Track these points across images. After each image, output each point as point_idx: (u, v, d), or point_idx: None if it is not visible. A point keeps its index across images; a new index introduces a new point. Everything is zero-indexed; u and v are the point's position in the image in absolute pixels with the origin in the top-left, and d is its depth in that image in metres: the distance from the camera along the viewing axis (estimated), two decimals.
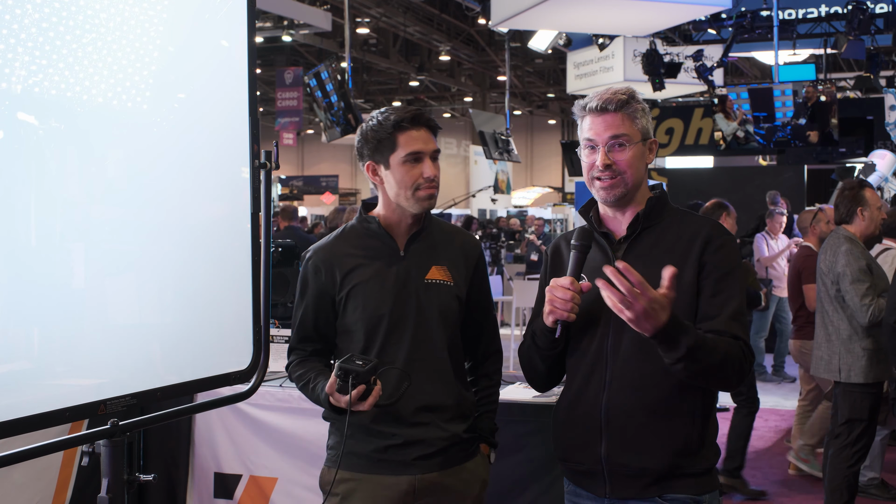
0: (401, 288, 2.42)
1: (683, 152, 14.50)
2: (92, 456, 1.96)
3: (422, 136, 2.40)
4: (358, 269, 2.44)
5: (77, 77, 1.85)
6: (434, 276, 2.44)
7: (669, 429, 2.11)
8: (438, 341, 2.43)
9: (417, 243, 2.47)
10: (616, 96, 2.18)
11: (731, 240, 2.22)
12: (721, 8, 9.67)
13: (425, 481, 2.40)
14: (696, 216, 2.28)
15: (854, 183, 4.82)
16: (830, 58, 13.34)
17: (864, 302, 4.36)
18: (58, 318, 1.82)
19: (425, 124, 2.42)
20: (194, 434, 4.02)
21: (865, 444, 4.51)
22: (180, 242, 2.13)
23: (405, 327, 2.40)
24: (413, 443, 2.39)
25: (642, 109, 2.21)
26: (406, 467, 2.39)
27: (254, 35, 2.32)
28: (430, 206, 2.43)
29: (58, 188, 1.81)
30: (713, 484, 2.19)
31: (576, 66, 13.84)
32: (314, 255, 2.50)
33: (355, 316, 2.42)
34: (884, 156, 9.81)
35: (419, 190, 2.39)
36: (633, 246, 2.20)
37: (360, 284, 2.42)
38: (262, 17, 15.27)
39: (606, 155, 2.16)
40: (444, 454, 2.43)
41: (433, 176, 2.39)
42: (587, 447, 2.17)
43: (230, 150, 2.28)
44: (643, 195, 2.24)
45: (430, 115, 2.47)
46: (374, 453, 2.40)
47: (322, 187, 29.87)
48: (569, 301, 2.08)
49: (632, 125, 2.17)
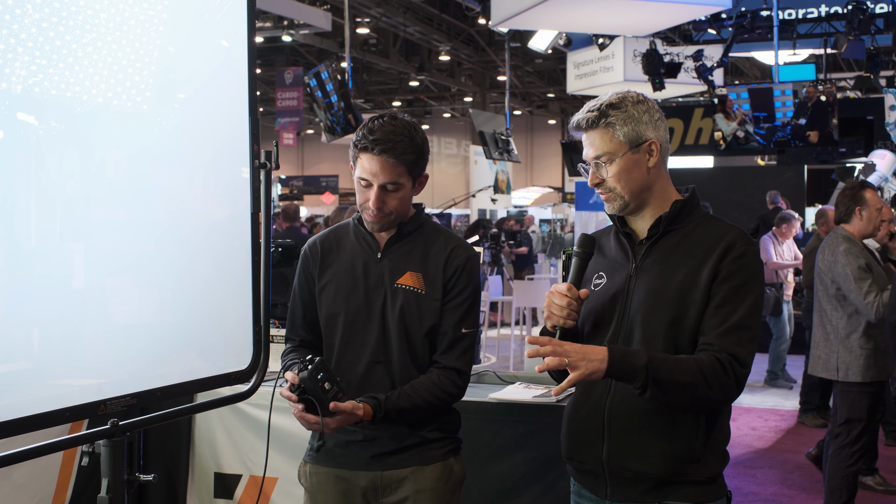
0: (370, 289, 2.43)
1: (683, 152, 14.51)
2: (92, 456, 1.96)
3: (374, 165, 2.33)
4: (336, 264, 2.49)
5: (77, 77, 1.85)
6: (405, 282, 2.43)
7: (671, 434, 2.08)
8: (399, 346, 2.42)
9: (398, 247, 2.46)
10: (588, 115, 2.12)
11: (754, 250, 2.13)
12: (721, 8, 9.67)
13: (386, 479, 2.42)
14: (724, 222, 2.18)
15: (855, 183, 4.83)
16: (830, 58, 13.34)
17: (869, 300, 4.37)
18: (58, 318, 1.82)
19: (378, 154, 2.32)
20: (194, 434, 4.02)
21: (865, 444, 4.52)
22: (180, 242, 2.13)
23: (370, 329, 2.42)
24: (371, 440, 2.41)
25: (626, 116, 2.10)
26: (365, 463, 2.42)
27: (254, 35, 2.32)
28: (379, 229, 2.43)
29: (58, 188, 1.81)
30: (718, 492, 2.14)
31: (576, 66, 13.84)
32: (308, 244, 2.58)
33: (324, 310, 2.48)
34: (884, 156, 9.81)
35: (364, 212, 2.40)
36: (653, 248, 2.16)
37: (332, 280, 2.47)
38: (262, 17, 15.27)
39: (594, 175, 2.14)
40: (404, 454, 2.42)
41: (375, 207, 2.35)
42: (589, 447, 2.17)
43: (230, 150, 2.28)
44: (663, 197, 2.17)
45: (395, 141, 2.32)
46: (336, 448, 2.45)
47: (322, 187, 29.85)
48: (565, 308, 2.07)
49: (612, 139, 2.10)
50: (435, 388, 2.40)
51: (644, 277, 2.13)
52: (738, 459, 6.23)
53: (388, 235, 2.46)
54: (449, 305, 2.44)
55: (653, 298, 2.10)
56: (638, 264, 2.16)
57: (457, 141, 33.92)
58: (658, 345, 2.07)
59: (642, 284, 2.13)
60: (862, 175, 9.30)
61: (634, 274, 2.15)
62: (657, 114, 2.15)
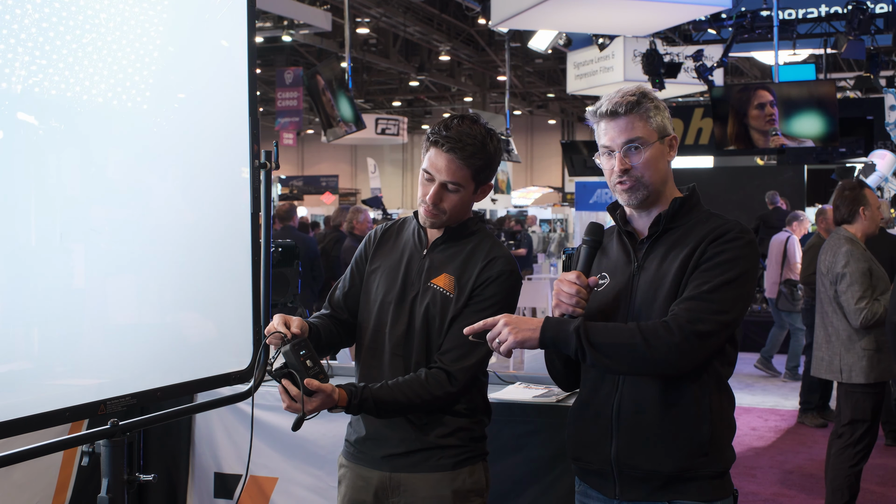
0: (408, 283, 2.43)
1: (683, 152, 14.50)
2: (92, 456, 1.96)
3: (440, 161, 2.32)
4: (388, 252, 2.50)
5: (77, 77, 1.85)
6: (438, 283, 2.42)
7: (681, 430, 2.09)
8: (419, 344, 2.41)
9: (444, 248, 2.45)
10: (625, 98, 2.13)
11: (750, 238, 2.13)
12: (721, 8, 9.66)
13: (396, 481, 2.39)
14: (724, 218, 2.18)
15: (853, 183, 4.83)
16: (830, 58, 13.34)
17: (859, 305, 4.37)
18: (58, 318, 1.82)
19: (447, 151, 2.31)
20: (194, 434, 4.02)
21: (868, 445, 4.52)
22: (180, 242, 2.13)
23: (399, 321, 2.41)
24: (380, 439, 2.39)
25: (655, 107, 2.15)
26: (376, 462, 2.40)
27: (254, 35, 2.32)
28: (431, 225, 2.41)
29: (58, 188, 1.81)
30: (726, 489, 2.14)
31: (576, 66, 13.84)
32: (377, 227, 2.58)
33: (366, 294, 2.48)
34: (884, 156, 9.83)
35: (422, 206, 2.39)
36: (653, 246, 2.17)
37: (381, 267, 2.48)
38: (262, 17, 15.26)
39: (623, 160, 2.13)
40: (414, 456, 2.39)
41: (432, 203, 2.34)
42: (598, 446, 2.17)
43: (230, 150, 2.28)
44: (669, 194, 2.19)
45: (464, 142, 2.30)
46: (355, 444, 2.46)
47: (322, 187, 29.86)
48: (574, 295, 2.07)
49: (645, 126, 2.13)
50: (419, 387, 2.30)
51: (645, 275, 2.14)
52: (739, 459, 6.20)
53: (438, 234, 2.45)
54: (468, 310, 2.35)
55: (653, 294, 2.11)
56: (640, 263, 2.17)
57: None
58: None
59: (644, 282, 2.14)
60: (862, 175, 9.31)
61: (636, 273, 2.16)
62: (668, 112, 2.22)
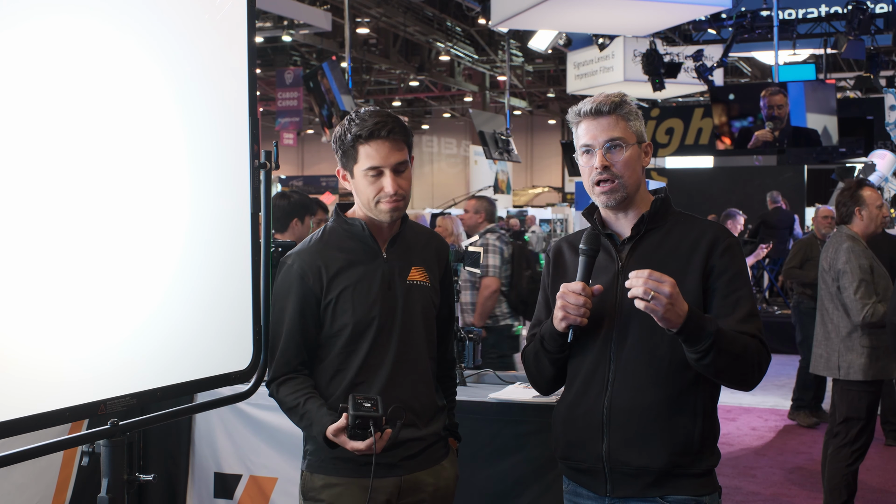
0: (386, 290, 2.40)
1: (683, 152, 14.52)
2: (92, 456, 1.96)
3: (381, 149, 2.33)
4: (344, 271, 2.40)
5: (76, 77, 1.85)
6: (414, 278, 2.45)
7: (671, 428, 2.13)
8: (421, 343, 2.44)
9: (397, 244, 2.46)
10: (609, 99, 2.21)
11: (736, 242, 2.25)
12: (721, 8, 9.66)
13: (409, 482, 2.41)
14: (699, 219, 2.30)
15: (853, 183, 4.83)
16: (830, 58, 13.33)
17: (862, 301, 4.37)
18: (58, 317, 1.82)
19: (387, 136, 2.33)
20: (194, 434, 4.03)
21: (864, 444, 4.52)
22: (180, 242, 2.13)
23: (392, 330, 2.40)
24: (399, 444, 2.36)
25: (635, 112, 2.23)
26: (392, 468, 2.38)
27: (254, 35, 2.32)
28: (395, 217, 2.40)
29: (57, 188, 1.81)
30: (713, 485, 2.21)
31: (576, 66, 13.85)
32: (297, 259, 2.41)
33: (343, 320, 2.37)
34: (884, 156, 9.83)
35: (380, 203, 2.36)
36: (636, 247, 2.22)
37: (348, 288, 2.38)
38: (262, 17, 15.26)
39: (603, 157, 2.17)
40: (426, 453, 2.45)
41: (394, 191, 2.34)
42: (589, 445, 2.19)
43: (230, 150, 2.28)
44: (644, 198, 2.26)
45: (394, 122, 2.36)
46: (362, 457, 2.27)
47: (322, 187, 29.84)
48: (581, 306, 2.10)
49: (627, 127, 2.20)
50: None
51: None
52: (739, 459, 6.23)
53: (388, 234, 2.45)
54: (447, 298, 2.59)
55: None
56: (624, 263, 2.20)
57: (457, 141, 33.90)
58: (656, 338, 2.11)
59: None
60: (862, 175, 9.31)
61: (621, 272, 2.18)
62: None
